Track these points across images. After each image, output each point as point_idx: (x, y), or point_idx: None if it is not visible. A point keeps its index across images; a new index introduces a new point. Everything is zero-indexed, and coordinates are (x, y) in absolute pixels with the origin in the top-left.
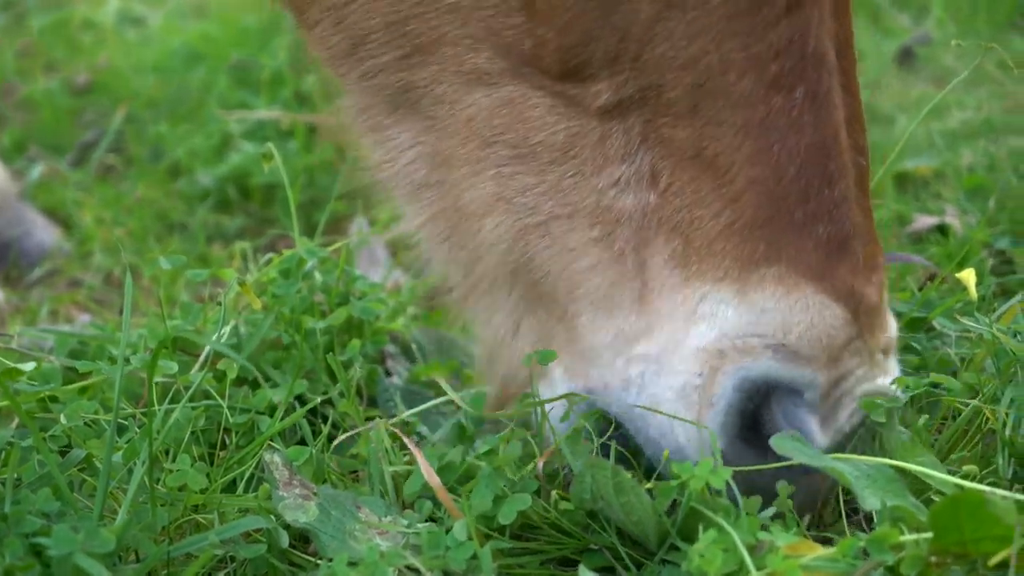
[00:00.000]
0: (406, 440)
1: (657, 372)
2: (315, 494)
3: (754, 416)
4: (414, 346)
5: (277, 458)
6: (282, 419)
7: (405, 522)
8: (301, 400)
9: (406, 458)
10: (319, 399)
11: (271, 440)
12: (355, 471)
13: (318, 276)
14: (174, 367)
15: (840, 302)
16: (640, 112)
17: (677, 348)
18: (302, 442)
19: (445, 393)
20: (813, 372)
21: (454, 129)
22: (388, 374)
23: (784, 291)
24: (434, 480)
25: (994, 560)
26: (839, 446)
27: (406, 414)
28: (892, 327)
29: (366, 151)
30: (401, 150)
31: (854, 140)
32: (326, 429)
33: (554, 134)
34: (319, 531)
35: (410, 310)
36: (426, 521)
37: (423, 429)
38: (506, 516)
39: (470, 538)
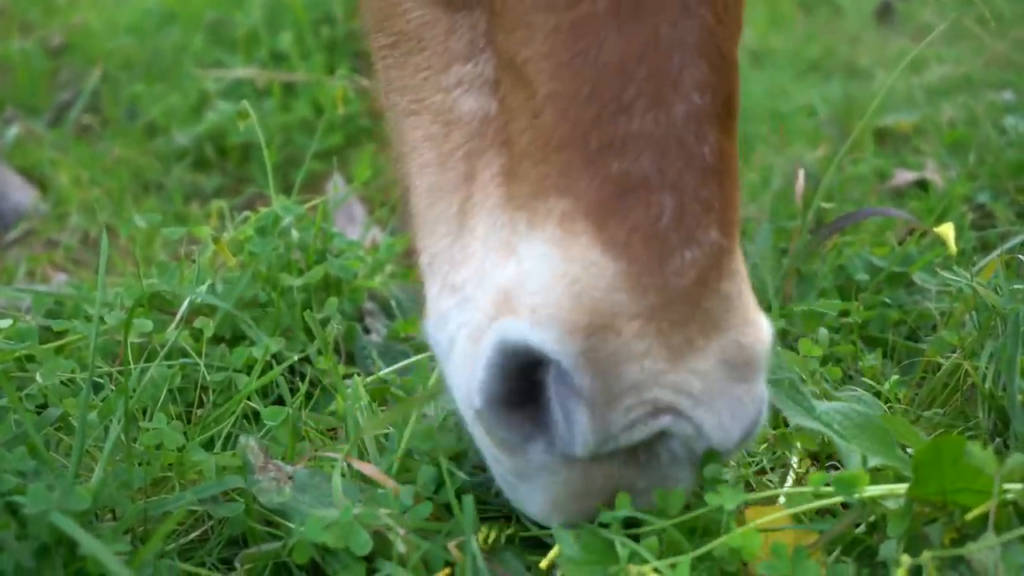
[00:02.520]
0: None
1: (462, 305)
2: (290, 478)
3: (531, 384)
4: (393, 303)
5: (252, 442)
6: (259, 377)
7: (380, 491)
8: (278, 358)
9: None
10: (296, 356)
11: (248, 398)
12: (333, 429)
13: (295, 234)
14: (149, 325)
15: (615, 259)
16: (482, 8)
17: (483, 281)
18: (279, 401)
19: (424, 349)
20: (562, 339)
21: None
22: (367, 331)
23: (560, 235)
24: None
25: (972, 514)
26: (618, 461)
27: (384, 371)
28: (747, 331)
29: None
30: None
31: (694, 65)
32: (304, 387)
33: (408, 22)
34: (294, 510)
35: (388, 267)
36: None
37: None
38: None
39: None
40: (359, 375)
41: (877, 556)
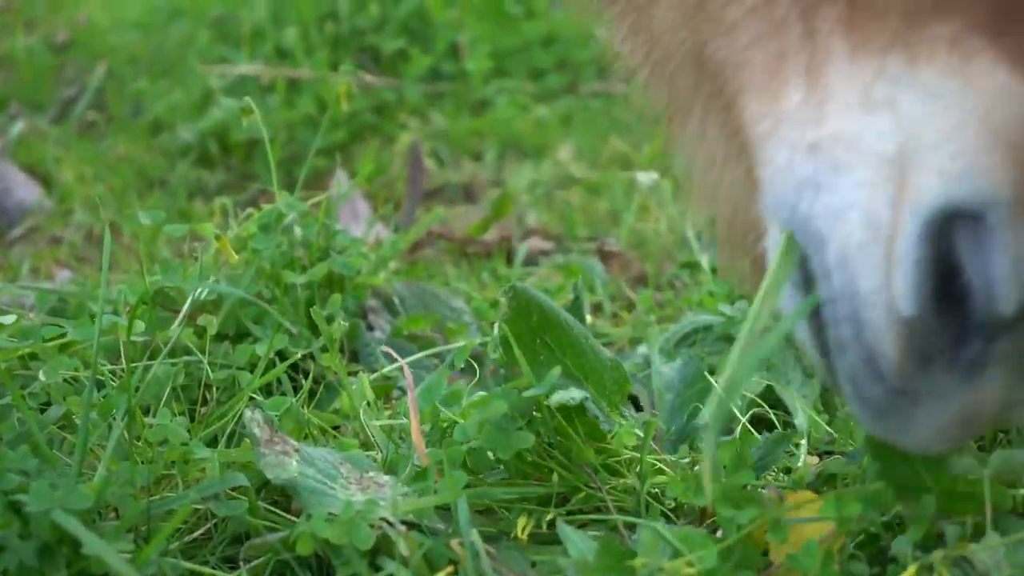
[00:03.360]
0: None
1: (835, 170)
2: (296, 451)
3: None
4: (396, 300)
5: (258, 415)
6: (263, 374)
7: (387, 477)
8: (282, 355)
9: (388, 412)
10: (300, 353)
11: (252, 395)
12: (336, 426)
13: (298, 231)
14: (141, 326)
15: None
16: None
17: (857, 148)
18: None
19: (429, 347)
20: (992, 191)
21: None
22: (370, 328)
23: (956, 64)
24: (414, 424)
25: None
26: None
27: (388, 368)
28: None
29: None
30: None
31: None
32: (307, 384)
33: None
34: (300, 487)
35: (392, 264)
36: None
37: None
38: (504, 451)
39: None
40: (363, 372)
41: (890, 552)
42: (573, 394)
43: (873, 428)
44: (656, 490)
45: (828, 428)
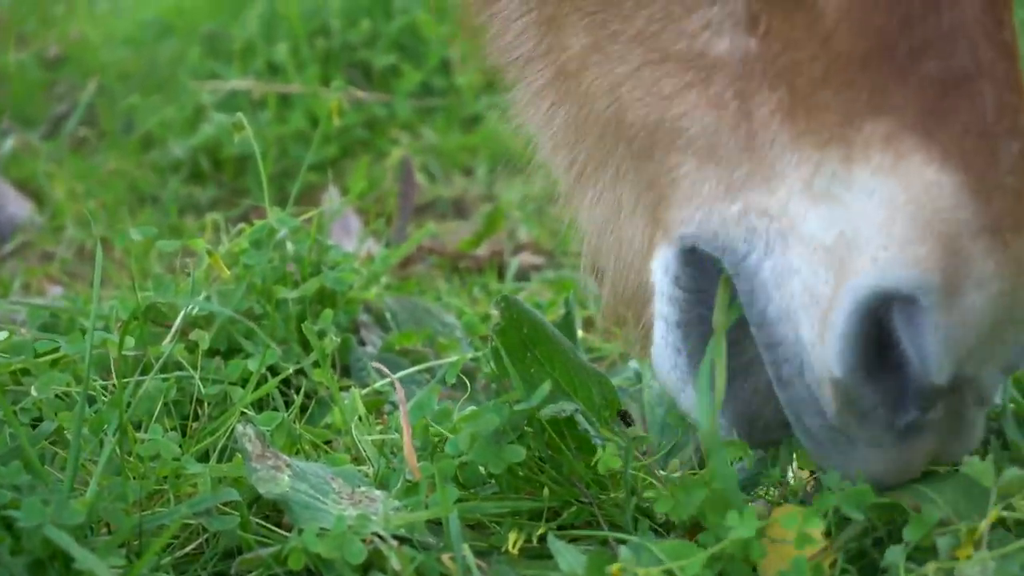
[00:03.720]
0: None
1: (783, 239)
2: (288, 466)
3: (879, 335)
4: (388, 315)
5: (250, 430)
6: (255, 389)
7: (379, 492)
8: (273, 371)
9: (380, 427)
10: (292, 368)
11: (244, 410)
12: (328, 441)
13: (290, 246)
14: (132, 341)
15: (954, 172)
16: None
17: (799, 228)
18: None
19: (420, 361)
20: (920, 278)
21: None
22: (362, 343)
23: (890, 161)
24: (406, 438)
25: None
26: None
27: (380, 383)
28: None
29: (481, 32)
30: (511, 21)
31: None
32: (299, 399)
33: None
34: (291, 502)
35: (384, 279)
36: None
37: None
38: (496, 465)
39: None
40: (355, 387)
41: (880, 564)
42: (564, 407)
43: (815, 458)
44: (647, 504)
45: None
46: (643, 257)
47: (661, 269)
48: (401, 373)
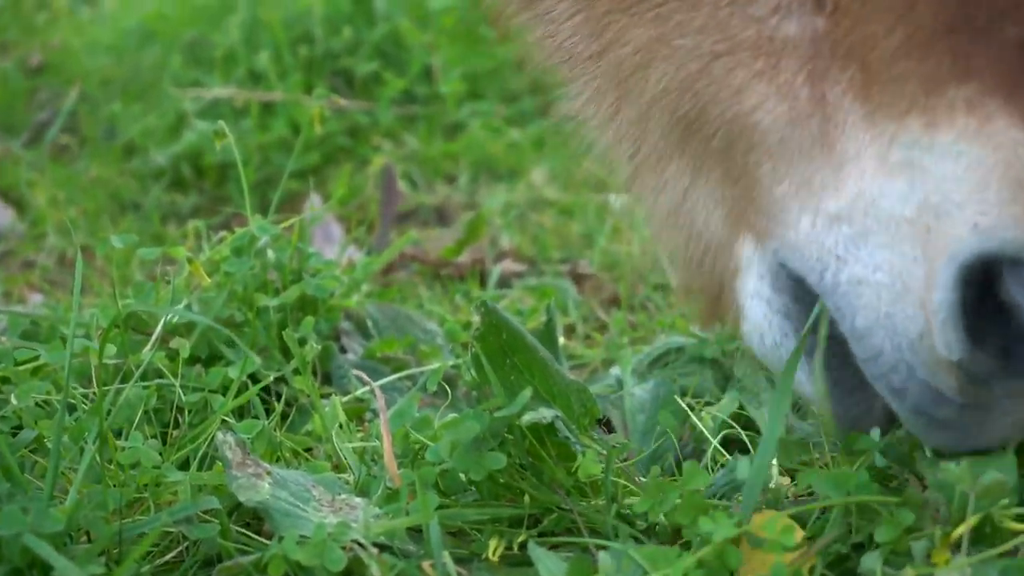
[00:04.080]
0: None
1: (857, 242)
2: (268, 473)
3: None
4: (369, 322)
5: (230, 438)
6: (235, 397)
7: (359, 500)
8: (254, 378)
9: (360, 435)
10: (272, 376)
11: (224, 418)
12: (309, 449)
13: (271, 253)
14: (113, 349)
15: None
16: None
17: (876, 212)
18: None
19: (402, 369)
20: (1014, 234)
21: None
22: (343, 351)
23: (976, 125)
24: (387, 445)
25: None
26: None
27: (361, 391)
28: None
29: (525, 32)
30: (560, 22)
31: None
32: (279, 407)
33: None
34: (272, 509)
35: (365, 287)
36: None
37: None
38: (477, 472)
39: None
40: (336, 395)
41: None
42: (544, 414)
43: (953, 446)
44: (627, 511)
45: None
46: (725, 244)
47: (756, 273)
48: (382, 381)
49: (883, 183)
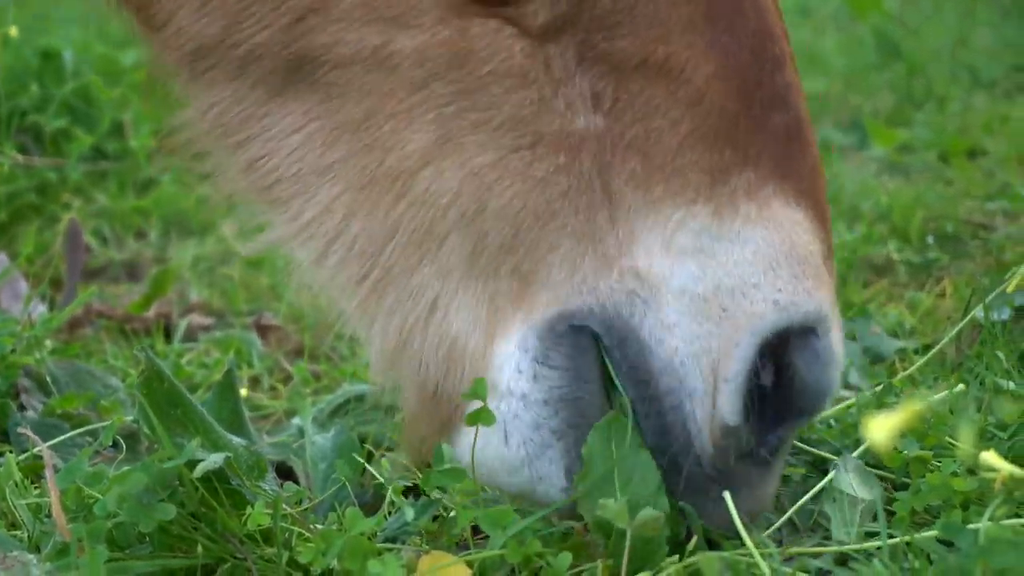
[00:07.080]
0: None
1: (656, 297)
2: None
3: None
4: (49, 379)
5: None
6: None
7: (31, 556)
8: None
9: (37, 491)
10: None
11: None
12: None
13: None
14: None
15: (804, 207)
16: (572, 31)
17: (669, 284)
18: None
19: (83, 425)
20: (817, 307)
21: (369, 87)
22: (22, 408)
23: (757, 210)
24: (55, 499)
25: None
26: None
27: (38, 448)
28: None
29: (225, 158)
30: (284, 137)
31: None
32: None
33: (507, 60)
34: None
35: (49, 343)
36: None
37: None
38: (146, 524)
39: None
40: (11, 452)
41: None
42: (214, 460)
43: (690, 508)
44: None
45: None
46: (478, 349)
47: (519, 349)
48: (60, 437)
49: (672, 265)
